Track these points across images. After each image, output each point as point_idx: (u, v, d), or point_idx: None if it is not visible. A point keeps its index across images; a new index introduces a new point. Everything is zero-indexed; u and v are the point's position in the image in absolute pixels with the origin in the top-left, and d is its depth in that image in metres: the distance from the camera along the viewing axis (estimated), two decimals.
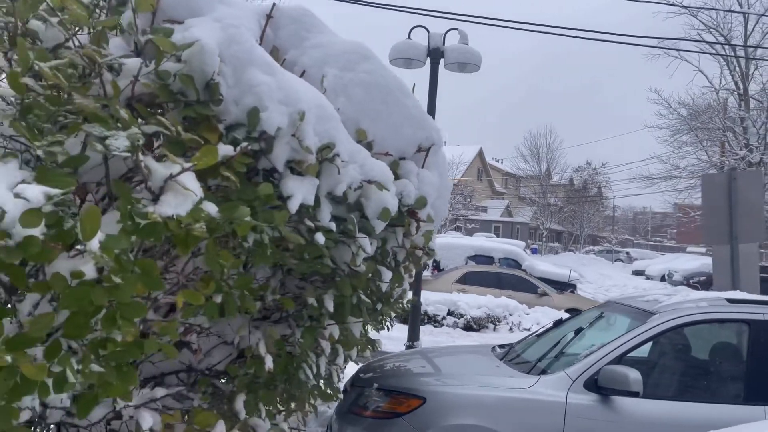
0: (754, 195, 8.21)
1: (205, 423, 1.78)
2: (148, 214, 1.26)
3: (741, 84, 35.31)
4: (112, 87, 1.37)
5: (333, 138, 1.69)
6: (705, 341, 5.25)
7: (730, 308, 4.71)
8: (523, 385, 4.33)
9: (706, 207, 8.47)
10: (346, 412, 4.72)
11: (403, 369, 5.12)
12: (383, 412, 4.46)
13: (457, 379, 4.64)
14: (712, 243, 8.43)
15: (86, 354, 1.25)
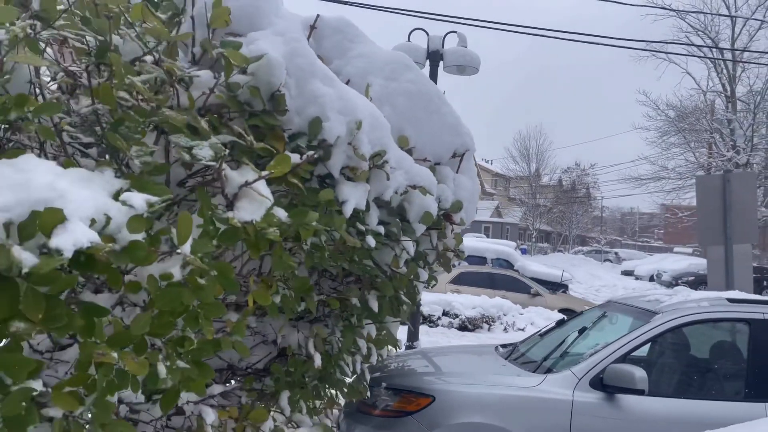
0: (747, 196, 8.37)
1: (258, 419, 1.86)
2: (228, 219, 1.34)
3: (728, 86, 35.75)
4: (188, 99, 1.44)
5: (384, 145, 1.77)
6: (707, 340, 5.38)
7: (731, 308, 4.84)
8: (530, 383, 4.42)
9: (701, 208, 8.61)
10: (355, 411, 4.79)
11: (410, 369, 5.20)
12: (393, 410, 4.54)
13: (465, 378, 4.73)
14: (706, 244, 8.57)
15: (171, 351, 1.33)
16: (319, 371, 2.28)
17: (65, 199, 1.04)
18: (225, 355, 2.27)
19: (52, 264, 0.98)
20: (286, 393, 2.08)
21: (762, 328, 4.71)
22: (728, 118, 34.73)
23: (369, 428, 4.58)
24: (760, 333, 4.69)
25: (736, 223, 8.29)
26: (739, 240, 8.32)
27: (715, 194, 8.44)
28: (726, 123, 34.79)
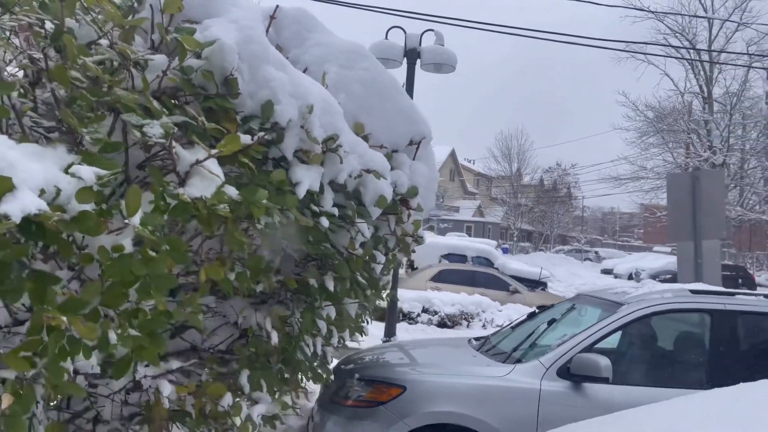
0: (716, 193, 8.55)
1: (216, 394, 1.92)
2: (179, 195, 1.41)
3: (705, 87, 36.31)
4: (142, 81, 1.51)
5: (337, 130, 1.85)
6: (671, 330, 5.52)
7: (693, 299, 4.98)
8: (499, 373, 4.52)
9: (671, 205, 8.79)
10: (328, 402, 4.87)
11: (383, 360, 5.28)
12: (365, 401, 4.62)
13: (435, 368, 4.82)
14: (676, 240, 8.75)
15: (123, 320, 1.39)
16: (281, 352, 2.35)
17: (15, 169, 1.10)
18: (188, 336, 2.34)
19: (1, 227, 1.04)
20: (246, 372, 2.15)
21: (722, 318, 4.85)
22: (705, 119, 35.30)
23: (341, 418, 4.65)
24: (721, 323, 4.83)
25: (704, 219, 8.48)
26: (708, 236, 8.50)
27: (684, 191, 8.62)
28: (703, 124, 35.36)
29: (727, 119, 34.33)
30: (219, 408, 1.96)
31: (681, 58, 34.39)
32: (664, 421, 1.65)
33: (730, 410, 1.77)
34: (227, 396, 1.98)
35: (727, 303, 4.89)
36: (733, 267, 28.04)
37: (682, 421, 1.64)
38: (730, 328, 4.80)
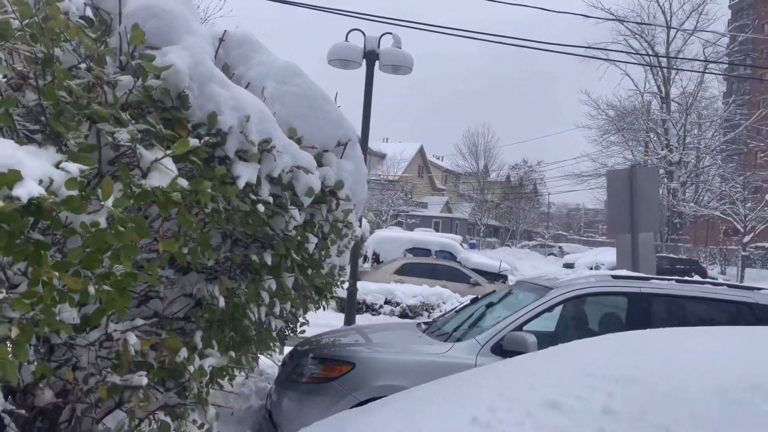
0: (650, 189, 9.15)
1: (173, 347, 2.39)
2: (142, 185, 1.88)
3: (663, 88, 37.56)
4: (113, 97, 1.97)
5: (270, 134, 2.33)
6: (595, 310, 6.14)
7: (614, 283, 5.59)
8: (439, 351, 5.06)
9: (611, 200, 9.39)
10: (284, 381, 5.36)
11: (336, 341, 5.78)
12: (317, 377, 5.12)
13: (383, 347, 5.34)
14: (615, 232, 9.35)
15: (99, 280, 1.86)
16: (230, 318, 2.82)
17: (22, 165, 1.55)
18: (151, 305, 2.80)
19: (12, 206, 1.49)
20: (199, 333, 2.62)
21: (637, 300, 5.44)
22: (663, 118, 36.53)
23: (297, 394, 5.14)
24: (636, 304, 5.43)
25: (640, 213, 9.04)
26: (644, 229, 9.09)
27: (622, 187, 9.18)
28: (661, 123, 36.59)
29: (684, 119, 35.61)
30: (176, 359, 2.42)
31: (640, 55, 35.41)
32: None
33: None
34: (183, 350, 2.45)
35: (642, 286, 5.50)
36: (686, 261, 29.18)
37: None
38: (644, 308, 5.40)
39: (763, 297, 5.46)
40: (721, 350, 1.72)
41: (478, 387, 1.97)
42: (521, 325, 5.11)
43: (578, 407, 1.55)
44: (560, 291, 5.36)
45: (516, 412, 1.63)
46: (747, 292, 5.55)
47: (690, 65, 34.57)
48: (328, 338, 5.95)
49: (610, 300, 5.91)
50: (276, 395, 5.31)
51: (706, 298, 5.44)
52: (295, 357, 5.52)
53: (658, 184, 8.94)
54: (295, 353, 5.62)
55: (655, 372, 1.62)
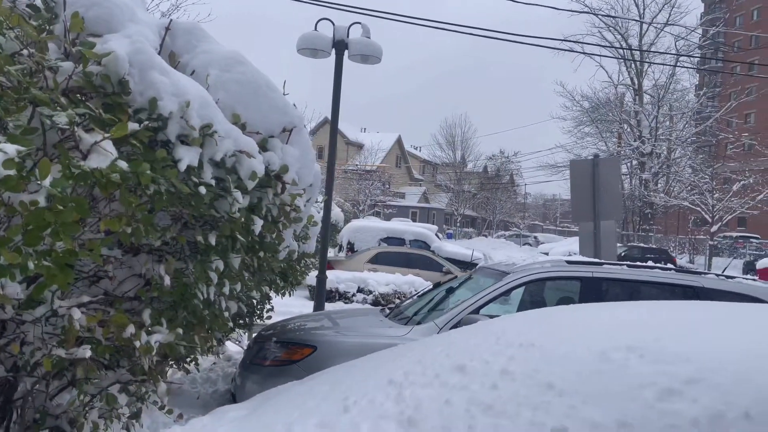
0: (612, 178, 9.39)
1: (119, 322, 2.50)
2: (81, 166, 1.98)
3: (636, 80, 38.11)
4: (53, 82, 2.07)
5: (211, 119, 2.44)
6: (551, 294, 6.35)
7: (567, 268, 5.79)
8: (399, 333, 5.22)
9: (574, 189, 9.61)
10: (248, 364, 5.49)
11: (300, 326, 5.91)
12: (280, 360, 5.25)
13: (344, 331, 5.49)
14: (578, 220, 9.59)
15: (40, 256, 1.96)
16: (181, 298, 2.93)
17: None
18: (102, 284, 2.90)
19: None
20: (147, 310, 2.73)
21: (589, 284, 5.65)
22: (636, 109, 37.10)
23: (260, 377, 5.27)
24: (588, 288, 5.63)
25: (603, 201, 9.27)
26: (605, 217, 9.33)
27: (585, 177, 9.41)
28: (634, 114, 37.16)
29: (656, 111, 36.21)
30: (123, 335, 2.53)
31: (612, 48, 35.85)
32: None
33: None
34: (130, 327, 2.56)
35: (594, 271, 5.71)
36: (656, 250, 29.81)
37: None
38: (596, 291, 5.61)
39: (708, 281, 5.71)
40: (611, 322, 1.89)
41: (401, 356, 2.11)
42: (478, 309, 5.28)
43: (481, 369, 1.70)
44: (516, 276, 5.55)
45: (427, 375, 1.78)
46: (693, 276, 5.80)
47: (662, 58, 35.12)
48: (294, 323, 6.08)
49: (564, 284, 6.13)
50: (240, 378, 5.44)
51: (654, 282, 5.66)
52: (259, 341, 5.64)
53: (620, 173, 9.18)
54: (260, 338, 5.75)
55: (553, 339, 1.78)
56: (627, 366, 1.50)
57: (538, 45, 18.10)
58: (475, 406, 1.51)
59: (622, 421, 1.31)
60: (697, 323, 1.78)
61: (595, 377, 1.49)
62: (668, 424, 1.28)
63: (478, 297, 5.36)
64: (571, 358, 1.62)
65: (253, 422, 1.96)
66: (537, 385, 1.52)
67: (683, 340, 1.60)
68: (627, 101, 38.50)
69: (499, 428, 1.40)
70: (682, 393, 1.35)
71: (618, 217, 9.65)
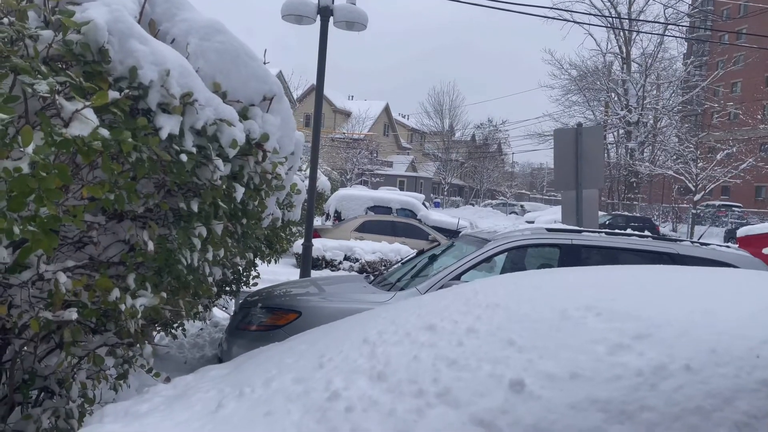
0: (595, 147, 9.47)
1: (105, 286, 2.58)
2: (62, 134, 2.03)
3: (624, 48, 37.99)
4: (34, 51, 2.10)
5: (192, 88, 2.48)
6: (531, 261, 6.49)
7: (547, 235, 5.92)
8: (381, 299, 5.34)
9: (558, 158, 9.68)
10: (234, 329, 5.60)
11: (285, 292, 6.02)
12: (265, 325, 5.37)
13: (328, 297, 5.61)
14: (561, 189, 9.69)
15: (25, 221, 2.02)
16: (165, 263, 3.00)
17: None
18: (87, 250, 2.97)
19: None
20: (132, 275, 2.81)
21: (568, 251, 5.79)
22: (623, 78, 37.08)
23: (246, 341, 5.39)
24: (567, 255, 5.77)
25: (585, 170, 9.37)
26: (588, 185, 9.44)
27: (569, 145, 9.49)
28: (621, 83, 37.15)
29: (643, 79, 36.22)
30: (108, 299, 2.61)
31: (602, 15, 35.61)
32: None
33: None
34: (115, 291, 2.64)
35: (573, 238, 5.85)
36: (641, 219, 30.18)
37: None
38: (574, 258, 5.74)
39: (683, 248, 5.87)
40: (574, 284, 1.99)
41: (376, 317, 2.22)
42: (459, 275, 5.41)
43: (449, 328, 1.80)
44: (497, 243, 5.67)
45: (399, 334, 1.88)
46: (669, 243, 5.96)
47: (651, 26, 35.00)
48: (280, 289, 6.19)
49: (543, 251, 6.27)
50: (226, 343, 5.56)
51: (632, 249, 5.81)
52: (245, 307, 5.75)
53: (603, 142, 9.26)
54: (246, 304, 5.85)
55: (518, 300, 1.88)
56: (584, 324, 1.60)
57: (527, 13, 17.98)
58: (440, 360, 1.62)
59: (574, 372, 1.42)
60: (652, 285, 1.89)
61: (553, 333, 1.60)
62: (615, 375, 1.39)
63: (459, 264, 5.49)
64: (533, 317, 1.72)
65: (233, 378, 2.07)
66: (498, 341, 1.63)
67: (636, 300, 1.71)
68: (615, 70, 38.43)
69: (461, 380, 1.51)
70: (630, 347, 1.46)
71: (600, 185, 9.78)
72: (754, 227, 19.77)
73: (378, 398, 1.51)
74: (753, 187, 43.09)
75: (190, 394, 1.93)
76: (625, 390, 1.35)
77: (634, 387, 1.35)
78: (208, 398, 1.85)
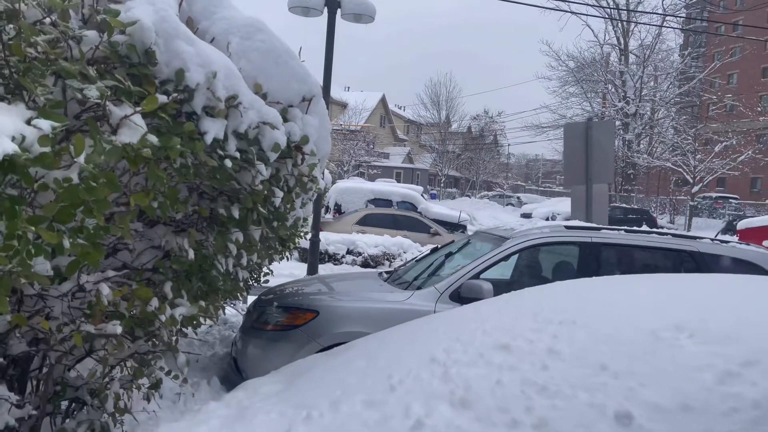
0: (606, 142, 9.40)
1: (144, 297, 2.48)
2: (112, 141, 1.92)
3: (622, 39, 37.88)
4: (79, 53, 1.98)
5: (237, 91, 2.37)
6: (549, 259, 6.41)
7: (566, 233, 5.83)
8: (400, 298, 5.25)
9: (567, 152, 9.62)
10: (249, 329, 5.49)
11: (300, 290, 5.91)
12: (282, 325, 5.26)
13: (346, 296, 5.50)
14: (571, 184, 9.61)
15: (72, 234, 1.91)
16: (198, 269, 2.90)
17: None
18: (120, 256, 2.86)
19: None
20: (169, 283, 2.71)
21: (587, 249, 5.71)
22: (621, 70, 37.00)
23: (262, 341, 5.28)
24: (587, 253, 5.69)
25: (595, 165, 9.29)
26: (598, 180, 9.37)
27: (579, 139, 9.41)
28: (619, 75, 37.07)
29: (641, 71, 36.15)
30: (147, 309, 2.51)
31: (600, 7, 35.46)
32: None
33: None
34: (154, 300, 2.54)
35: (593, 236, 5.77)
36: (638, 210, 30.20)
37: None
38: (594, 256, 5.66)
39: (703, 245, 5.81)
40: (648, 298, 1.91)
41: (434, 332, 2.12)
42: (478, 274, 5.32)
43: (526, 348, 1.71)
44: (516, 241, 5.58)
45: (470, 353, 1.79)
46: (689, 240, 5.89)
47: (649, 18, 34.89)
48: (292, 288, 6.09)
49: (562, 249, 6.18)
50: (241, 343, 5.46)
51: (651, 247, 5.75)
52: (259, 306, 5.64)
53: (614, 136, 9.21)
54: (259, 302, 5.75)
55: (595, 317, 1.79)
56: (679, 347, 1.52)
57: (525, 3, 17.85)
58: (528, 386, 1.53)
59: (684, 404, 1.33)
60: (738, 300, 1.80)
61: (648, 358, 1.51)
62: (731, 408, 1.31)
63: (478, 262, 5.40)
64: (619, 338, 1.64)
65: (291, 398, 1.97)
66: (588, 366, 1.54)
67: (729, 319, 1.62)
68: (612, 61, 38.34)
69: (557, 410, 1.42)
70: (740, 375, 1.38)
71: (610, 180, 9.72)
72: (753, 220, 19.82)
73: (467, 428, 1.42)
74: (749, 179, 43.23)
75: (249, 416, 1.83)
76: (743, 424, 1.27)
77: (754, 421, 1.27)
78: (271, 421, 1.76)
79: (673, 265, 5.75)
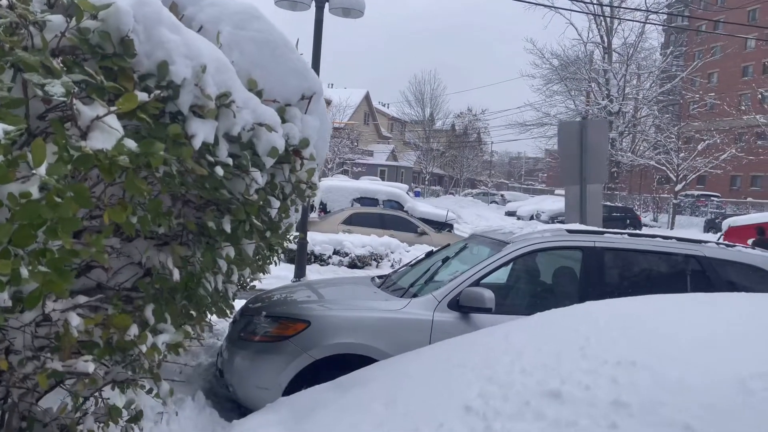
0: (600, 141, 9.21)
1: (122, 325, 2.14)
2: (81, 148, 1.59)
3: (605, 38, 37.95)
4: (41, 41, 1.65)
5: (229, 87, 2.05)
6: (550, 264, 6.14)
7: (569, 237, 5.57)
8: (396, 307, 4.94)
9: (562, 152, 9.41)
10: (236, 339, 5.14)
11: (289, 298, 5.57)
12: (271, 336, 4.93)
13: (338, 304, 5.18)
14: (566, 184, 9.40)
15: (33, 258, 1.58)
16: (184, 288, 2.57)
17: None
18: (93, 275, 2.51)
19: None
20: (150, 306, 2.37)
21: (591, 254, 5.45)
22: (604, 68, 37.06)
23: (250, 353, 4.95)
24: (590, 258, 5.44)
25: (590, 165, 9.10)
26: (593, 180, 9.18)
27: (573, 139, 9.21)
28: (602, 73, 37.13)
29: (624, 69, 36.23)
30: (126, 338, 2.18)
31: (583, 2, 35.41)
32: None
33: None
34: (133, 327, 2.20)
35: (596, 241, 5.51)
36: (622, 209, 30.25)
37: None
38: (597, 261, 5.41)
39: (709, 250, 5.59)
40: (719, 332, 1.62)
41: (461, 368, 1.83)
42: (478, 280, 5.04)
43: (583, 397, 1.43)
44: (517, 245, 5.32)
45: (512, 401, 1.50)
46: (695, 245, 5.66)
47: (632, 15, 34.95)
48: (281, 295, 5.76)
49: (564, 254, 5.92)
50: (227, 353, 5.12)
51: (656, 252, 5.52)
52: (246, 314, 5.31)
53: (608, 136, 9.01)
54: (246, 310, 5.41)
55: (658, 357, 1.51)
56: None
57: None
58: None
59: None
60: None
61: (739, 415, 1.24)
62: None
63: (477, 269, 5.12)
64: (695, 387, 1.36)
65: None
66: (668, 425, 1.26)
67: None
68: (596, 59, 38.40)
69: None
70: None
71: (604, 180, 9.52)
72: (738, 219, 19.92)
73: None
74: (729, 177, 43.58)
75: None
76: None
77: None
78: None
79: (680, 271, 5.53)
